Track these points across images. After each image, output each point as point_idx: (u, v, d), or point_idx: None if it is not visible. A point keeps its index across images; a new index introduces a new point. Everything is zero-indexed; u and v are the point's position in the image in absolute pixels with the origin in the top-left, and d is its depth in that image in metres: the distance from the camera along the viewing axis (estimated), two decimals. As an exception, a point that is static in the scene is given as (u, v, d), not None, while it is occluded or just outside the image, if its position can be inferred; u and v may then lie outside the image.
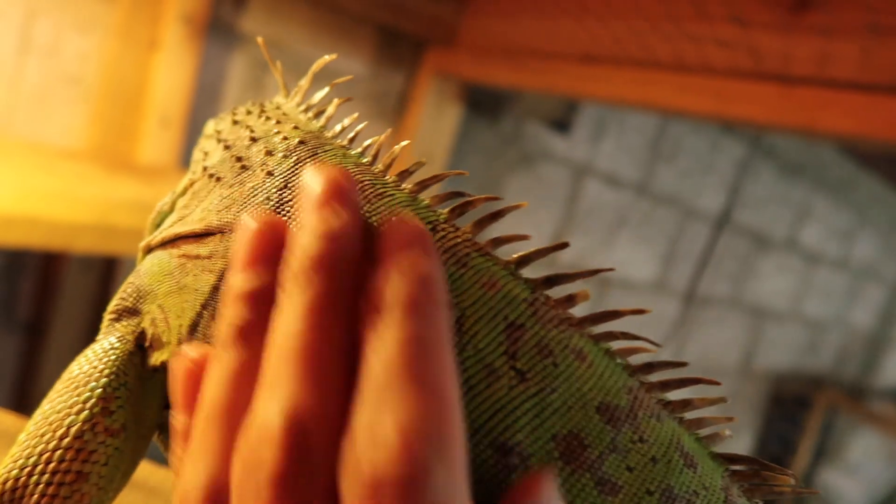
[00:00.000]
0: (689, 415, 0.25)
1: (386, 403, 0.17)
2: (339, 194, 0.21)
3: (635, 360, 0.24)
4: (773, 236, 2.34)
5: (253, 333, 0.20)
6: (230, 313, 0.21)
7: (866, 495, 3.03)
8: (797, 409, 2.75)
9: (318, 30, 1.19)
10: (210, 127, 0.36)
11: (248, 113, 0.33)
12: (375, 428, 0.16)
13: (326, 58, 0.31)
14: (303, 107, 0.31)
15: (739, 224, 2.18)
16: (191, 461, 0.19)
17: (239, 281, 0.21)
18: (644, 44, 1.02)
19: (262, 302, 0.21)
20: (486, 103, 1.45)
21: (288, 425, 0.17)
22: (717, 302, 2.27)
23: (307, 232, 0.20)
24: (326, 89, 0.31)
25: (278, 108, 0.32)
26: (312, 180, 0.22)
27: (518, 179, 1.57)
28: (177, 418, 0.22)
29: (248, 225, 0.22)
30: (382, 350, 0.18)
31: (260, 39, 0.34)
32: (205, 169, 0.31)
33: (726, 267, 2.22)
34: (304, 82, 0.32)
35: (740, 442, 2.74)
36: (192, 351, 0.23)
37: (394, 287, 0.19)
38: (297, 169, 0.27)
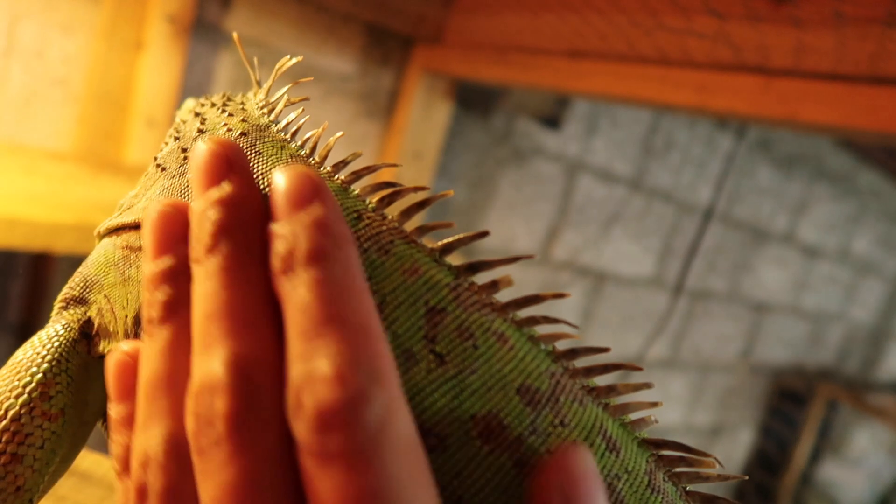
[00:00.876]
0: (619, 400, 0.25)
1: (313, 345, 0.17)
2: (227, 161, 0.22)
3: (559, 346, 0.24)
4: (771, 230, 2.33)
5: (177, 308, 0.21)
6: (150, 296, 0.21)
7: (869, 489, 3.03)
8: (797, 404, 2.74)
9: (305, 28, 1.20)
10: (175, 117, 0.37)
11: (213, 105, 0.34)
12: (310, 370, 0.17)
13: (289, 58, 0.32)
14: (262, 103, 0.32)
15: (736, 218, 2.18)
16: (142, 430, 0.20)
17: (152, 266, 0.22)
18: (626, 38, 1.02)
19: (178, 279, 0.21)
20: (477, 100, 1.45)
21: (232, 371, 0.18)
22: (715, 296, 2.27)
23: (204, 204, 0.21)
24: (286, 87, 0.31)
25: (242, 102, 0.33)
26: (199, 153, 0.22)
27: (510, 176, 1.58)
28: (113, 408, 0.22)
29: (150, 213, 0.23)
30: (297, 298, 0.18)
31: (235, 35, 0.35)
32: (155, 159, 0.32)
33: (724, 261, 2.22)
34: (270, 80, 0.33)
35: (740, 437, 2.74)
36: (125, 345, 0.23)
37: (293, 238, 0.20)
38: None
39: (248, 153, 0.27)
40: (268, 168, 0.26)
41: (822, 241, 2.58)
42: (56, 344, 0.28)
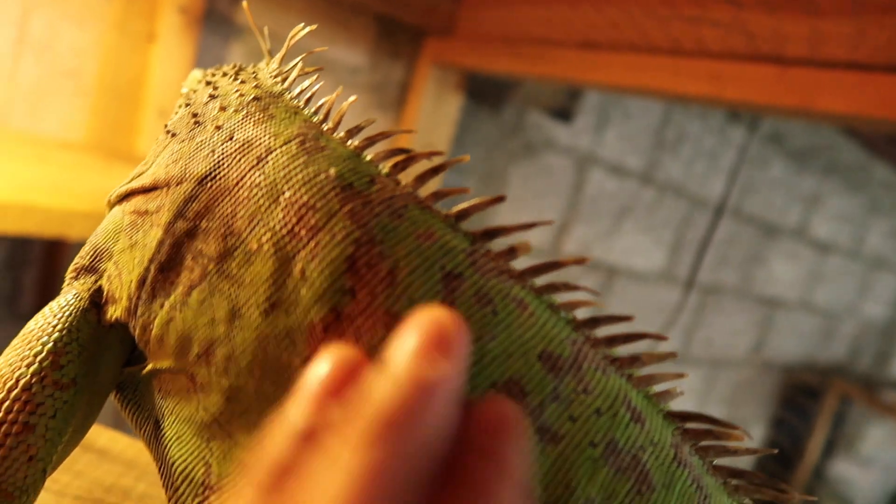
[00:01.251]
0: (643, 371, 0.24)
1: None
2: (443, 340, 0.17)
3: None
4: (783, 224, 2.32)
5: (289, 476, 0.17)
6: (273, 447, 0.17)
7: (881, 486, 3.00)
8: (810, 400, 2.73)
9: (316, 20, 1.19)
10: (183, 88, 0.37)
11: (224, 74, 0.34)
12: None
13: (303, 26, 0.32)
14: (275, 72, 0.32)
15: (748, 212, 2.16)
16: None
17: (298, 415, 0.18)
18: (640, 28, 1.02)
19: (312, 441, 0.17)
20: (487, 93, 1.45)
21: None
22: (726, 291, 2.26)
23: (390, 378, 0.17)
24: (299, 58, 0.31)
25: (254, 72, 0.33)
26: (415, 321, 0.18)
27: (521, 169, 1.57)
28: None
29: (329, 359, 0.18)
30: None
31: (245, 3, 0.35)
32: (165, 126, 0.32)
33: (736, 256, 2.21)
34: (283, 50, 0.33)
35: (752, 432, 2.72)
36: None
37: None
38: (244, 122, 0.27)
39: (261, 116, 0.27)
40: (280, 130, 0.26)
41: (835, 236, 2.56)
42: (67, 313, 0.27)
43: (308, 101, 0.28)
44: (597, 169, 1.71)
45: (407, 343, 0.17)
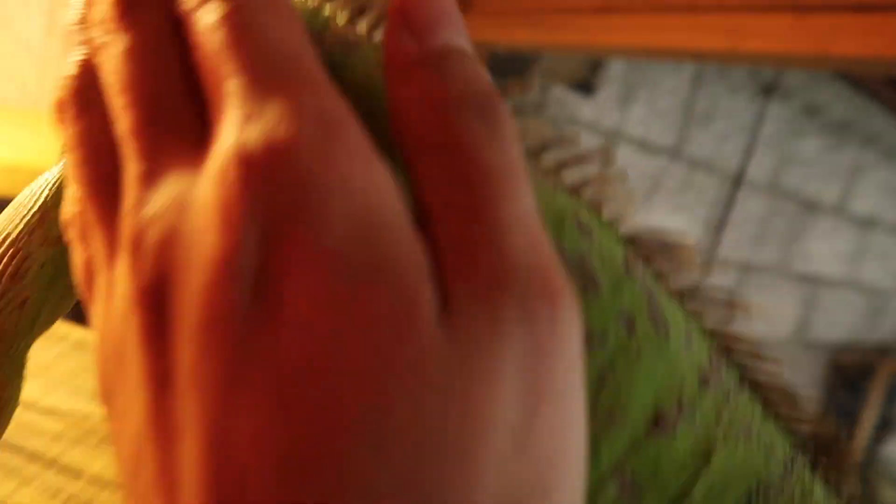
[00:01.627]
0: (594, 194, 0.23)
1: None
2: None
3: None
4: (822, 200, 2.26)
5: None
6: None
7: (937, 468, 2.91)
8: (859, 380, 2.65)
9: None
10: None
11: None
12: None
13: None
14: None
15: (785, 187, 2.12)
16: None
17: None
18: (654, -14, 1.01)
19: None
20: (508, 69, 1.45)
21: None
22: (765, 269, 2.21)
23: None
24: None
25: None
26: None
27: (546, 146, 1.56)
28: None
29: None
30: None
31: None
32: None
33: (775, 233, 2.17)
34: None
35: (798, 415, 2.66)
36: None
37: None
38: None
39: None
40: None
41: (879, 210, 2.49)
42: (57, 177, 0.29)
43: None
44: (623, 144, 1.69)
45: None
